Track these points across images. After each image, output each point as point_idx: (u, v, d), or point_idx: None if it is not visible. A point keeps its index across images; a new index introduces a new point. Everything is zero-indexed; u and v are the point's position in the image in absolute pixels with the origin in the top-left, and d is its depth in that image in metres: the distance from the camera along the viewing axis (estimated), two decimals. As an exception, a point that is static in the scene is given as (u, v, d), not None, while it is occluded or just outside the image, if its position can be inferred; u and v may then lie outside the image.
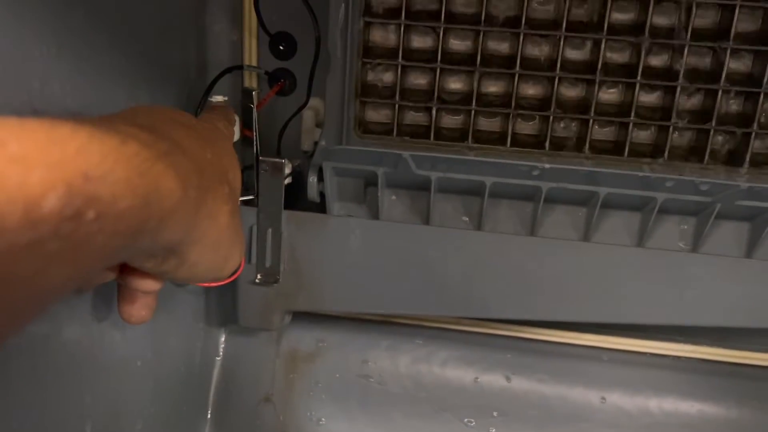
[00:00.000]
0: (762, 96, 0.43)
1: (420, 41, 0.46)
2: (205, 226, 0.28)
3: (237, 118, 0.46)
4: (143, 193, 0.22)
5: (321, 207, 0.51)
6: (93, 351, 0.43)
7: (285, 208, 0.48)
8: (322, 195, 0.50)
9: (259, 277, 0.50)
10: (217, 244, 0.30)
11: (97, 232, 0.20)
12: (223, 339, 0.59)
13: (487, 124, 0.47)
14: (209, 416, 0.58)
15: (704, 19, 0.44)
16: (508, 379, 0.57)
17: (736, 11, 0.42)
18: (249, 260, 0.49)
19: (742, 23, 0.43)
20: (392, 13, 0.45)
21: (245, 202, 0.47)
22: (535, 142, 0.46)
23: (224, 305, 0.57)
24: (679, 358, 0.56)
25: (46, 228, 0.18)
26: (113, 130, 0.21)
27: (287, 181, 0.48)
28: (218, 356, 0.59)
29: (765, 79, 0.43)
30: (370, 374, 0.58)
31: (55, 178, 0.18)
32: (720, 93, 0.44)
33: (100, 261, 0.21)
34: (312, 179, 0.49)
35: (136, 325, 0.46)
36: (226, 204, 0.30)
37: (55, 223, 0.18)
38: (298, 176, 0.50)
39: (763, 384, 0.56)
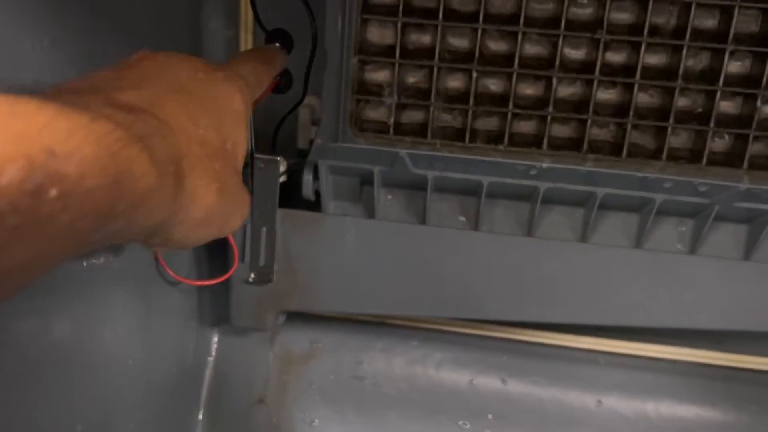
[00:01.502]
0: (760, 98, 0.43)
1: (417, 39, 0.46)
2: (188, 208, 0.27)
3: (285, 58, 0.43)
4: (113, 174, 0.21)
5: (316, 206, 0.50)
6: (83, 349, 0.42)
7: (280, 206, 0.48)
8: (317, 193, 0.49)
9: (252, 276, 0.49)
10: (205, 221, 0.29)
11: (61, 211, 0.19)
12: (215, 339, 0.58)
13: (485, 123, 0.47)
14: (201, 417, 0.58)
15: (704, 20, 0.44)
16: (503, 381, 0.57)
17: (735, 12, 0.42)
18: (242, 259, 0.49)
19: (741, 24, 0.43)
20: (390, 10, 0.44)
21: None
22: (532, 142, 0.46)
23: (217, 305, 0.56)
24: (676, 361, 0.56)
25: (3, 201, 0.17)
26: (85, 108, 0.21)
27: (282, 179, 0.47)
28: (211, 356, 0.58)
29: (764, 81, 0.43)
30: (365, 376, 0.58)
31: (15, 151, 0.18)
32: (719, 94, 0.43)
33: (68, 243, 0.20)
34: (307, 177, 0.48)
35: (127, 323, 0.46)
36: (215, 182, 0.29)
37: (14, 197, 0.18)
38: (294, 174, 0.50)
39: (760, 388, 0.56)
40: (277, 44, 0.43)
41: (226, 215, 0.31)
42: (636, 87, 0.44)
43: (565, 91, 0.46)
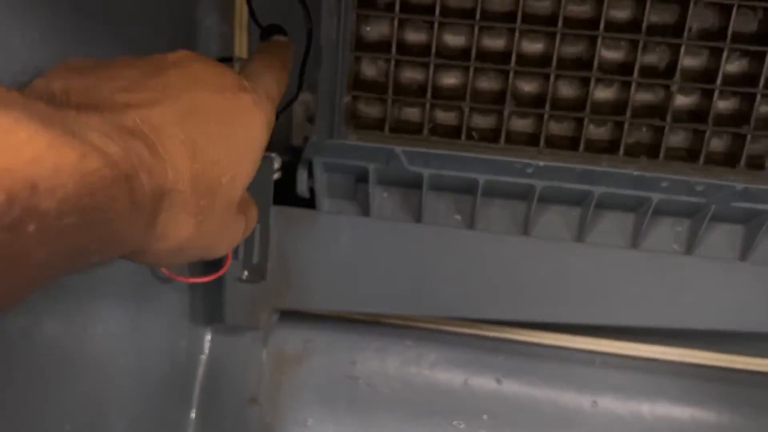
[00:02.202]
0: (758, 97, 0.43)
1: (414, 36, 0.46)
2: (158, 242, 0.27)
3: (293, 54, 0.40)
4: (90, 212, 0.20)
5: (311, 203, 0.50)
6: (73, 347, 0.42)
7: (274, 203, 0.47)
8: (312, 191, 0.49)
9: (245, 274, 0.49)
10: (178, 252, 0.28)
11: (37, 246, 0.19)
12: (208, 338, 0.58)
13: (482, 120, 0.47)
14: (193, 416, 0.57)
15: (702, 18, 0.43)
16: (498, 381, 0.56)
17: (734, 11, 0.41)
18: (236, 256, 0.48)
19: (740, 23, 0.43)
20: (386, 6, 0.44)
21: None
22: (529, 140, 0.46)
23: (210, 303, 0.55)
24: (671, 362, 0.56)
25: None
26: (78, 140, 0.20)
27: (276, 176, 0.47)
28: (203, 355, 0.58)
29: (761, 80, 0.42)
30: (359, 375, 0.57)
31: None
32: (716, 93, 0.43)
33: (41, 277, 0.20)
34: (302, 175, 0.48)
35: (118, 321, 0.45)
36: (193, 217, 0.27)
37: None
38: (288, 171, 0.49)
39: (756, 390, 0.55)
40: (283, 37, 0.41)
41: (205, 247, 0.30)
42: (633, 85, 0.44)
43: (563, 89, 0.46)
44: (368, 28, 0.45)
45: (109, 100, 0.26)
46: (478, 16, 0.43)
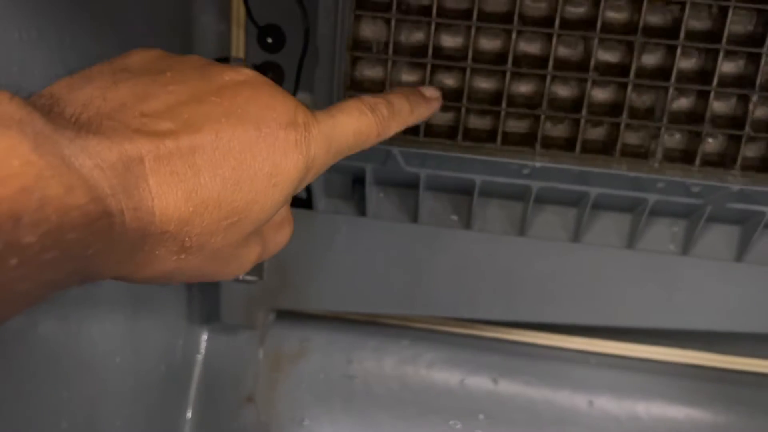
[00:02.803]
0: (754, 98, 0.43)
1: (411, 36, 0.46)
2: (138, 273, 0.25)
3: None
4: (71, 248, 0.20)
5: (307, 203, 0.50)
6: (69, 346, 0.42)
7: (270, 203, 0.47)
8: (308, 191, 0.49)
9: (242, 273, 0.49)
10: (165, 280, 0.26)
11: (20, 280, 0.18)
12: (205, 337, 0.58)
13: (478, 121, 0.47)
14: (189, 416, 0.57)
15: (698, 20, 0.44)
16: (495, 381, 0.56)
17: (729, 12, 0.42)
18: (233, 256, 0.48)
19: (735, 25, 0.43)
20: (383, 7, 0.44)
21: None
22: (526, 141, 0.46)
23: (207, 302, 0.56)
24: (667, 362, 0.56)
25: None
26: (67, 170, 0.19)
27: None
28: (200, 354, 0.58)
29: (757, 81, 0.42)
30: (355, 375, 0.57)
31: None
32: (712, 95, 0.43)
33: (22, 305, 0.19)
34: (299, 174, 0.48)
35: (115, 321, 0.45)
36: (174, 254, 0.25)
37: None
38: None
39: (751, 389, 0.56)
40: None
41: (199, 275, 0.27)
42: (630, 86, 0.44)
43: (559, 90, 0.46)
44: (365, 29, 0.45)
45: (127, 122, 0.24)
46: (475, 17, 0.43)
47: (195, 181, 0.24)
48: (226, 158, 0.25)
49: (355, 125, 0.31)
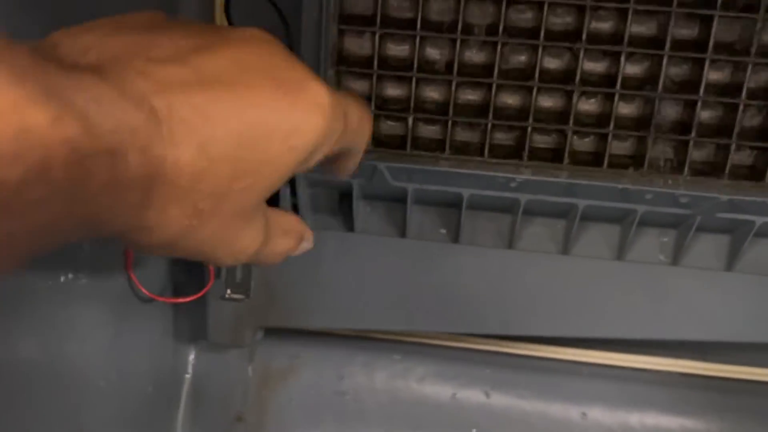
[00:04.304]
0: (741, 107, 0.43)
1: (396, 50, 0.45)
2: (141, 234, 0.23)
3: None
4: (60, 188, 0.18)
5: (294, 219, 0.49)
6: (51, 372, 0.41)
7: (256, 220, 0.47)
8: (295, 207, 0.48)
9: (228, 292, 0.48)
10: (167, 248, 0.24)
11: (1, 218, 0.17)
12: (192, 355, 0.57)
13: (465, 134, 0.46)
14: (178, 436, 0.56)
15: (684, 29, 0.43)
16: (487, 394, 0.56)
17: (715, 22, 0.41)
18: (218, 275, 0.48)
19: (722, 33, 0.43)
20: (368, 21, 0.43)
21: None
22: (513, 153, 0.45)
23: (194, 320, 0.55)
24: (660, 372, 0.56)
25: None
26: (55, 100, 0.17)
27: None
28: (188, 374, 0.57)
29: (744, 90, 0.42)
30: (346, 390, 0.57)
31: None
32: (699, 104, 0.43)
33: (13, 251, 0.18)
34: (284, 191, 0.47)
35: (98, 343, 0.44)
36: (186, 218, 0.23)
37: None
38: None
39: (743, 397, 0.55)
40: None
41: (199, 251, 0.25)
42: (617, 97, 0.43)
43: (546, 101, 0.46)
44: (350, 43, 0.45)
45: (131, 66, 0.21)
46: (459, 29, 0.43)
47: (208, 132, 0.22)
48: (244, 111, 0.23)
49: (359, 114, 0.30)
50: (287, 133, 0.24)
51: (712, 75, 0.43)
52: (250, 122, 0.23)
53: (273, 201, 0.48)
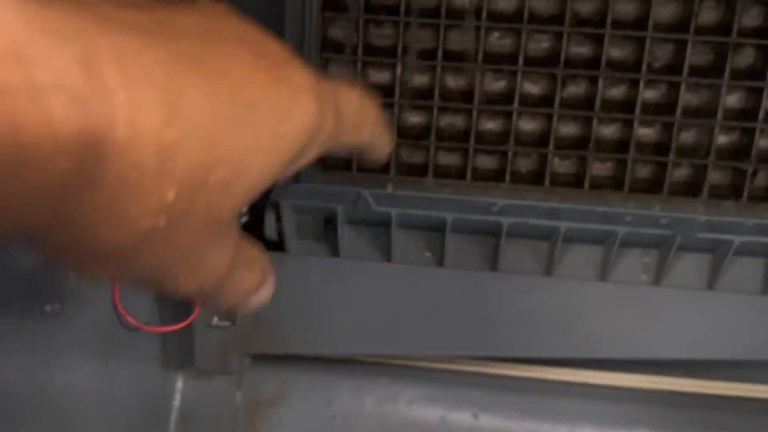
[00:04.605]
0: (717, 127, 0.43)
1: (378, 76, 0.46)
2: (83, 235, 0.18)
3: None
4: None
5: (280, 245, 0.49)
6: (38, 400, 0.41)
7: (242, 247, 0.47)
8: (280, 233, 0.49)
9: (215, 319, 0.48)
10: (117, 261, 0.19)
11: None
12: (180, 383, 0.57)
13: (447, 158, 0.47)
14: (167, 465, 0.56)
15: (660, 53, 0.44)
16: (475, 416, 0.56)
17: (689, 45, 0.42)
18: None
19: (695, 56, 0.43)
20: (350, 49, 0.44)
21: None
22: (495, 176, 0.46)
23: (181, 347, 0.55)
24: (647, 390, 0.56)
25: None
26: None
27: (244, 219, 0.47)
28: (176, 401, 0.57)
29: (719, 111, 0.43)
30: (335, 416, 0.56)
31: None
32: (676, 125, 0.44)
33: None
34: (269, 218, 0.48)
35: (84, 374, 0.44)
36: (149, 213, 0.18)
37: None
38: (256, 214, 0.49)
39: (729, 413, 0.56)
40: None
41: (156, 267, 0.20)
42: (595, 119, 0.44)
43: (527, 124, 0.46)
44: (333, 68, 0.45)
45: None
46: (440, 56, 0.44)
47: (176, 91, 0.17)
48: (220, 77, 0.18)
49: (357, 103, 0.25)
50: (274, 115, 0.20)
51: (686, 96, 0.44)
52: (229, 90, 0.18)
53: (259, 227, 0.49)
